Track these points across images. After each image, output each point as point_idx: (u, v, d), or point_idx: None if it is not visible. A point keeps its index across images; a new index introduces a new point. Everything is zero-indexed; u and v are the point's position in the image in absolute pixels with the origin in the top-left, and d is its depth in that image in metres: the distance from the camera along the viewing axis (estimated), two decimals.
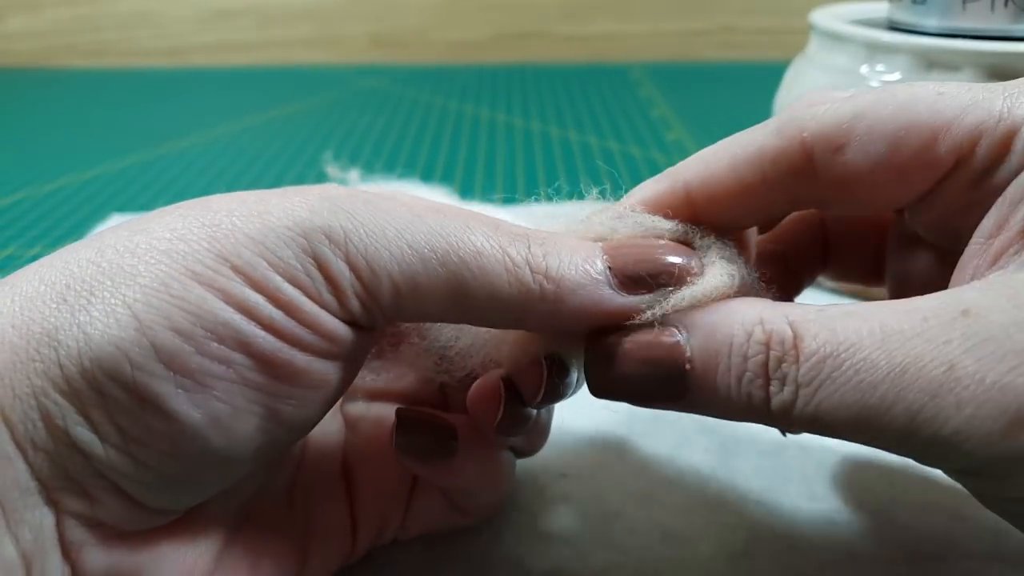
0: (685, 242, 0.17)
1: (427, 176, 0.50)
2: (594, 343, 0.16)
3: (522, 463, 0.24)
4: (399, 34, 0.86)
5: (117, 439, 0.14)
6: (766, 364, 0.14)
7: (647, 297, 0.15)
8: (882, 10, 0.38)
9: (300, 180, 0.51)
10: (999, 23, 0.32)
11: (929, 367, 0.13)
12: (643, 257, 0.16)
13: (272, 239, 0.14)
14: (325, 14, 0.86)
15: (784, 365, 0.14)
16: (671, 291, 0.15)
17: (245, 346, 0.14)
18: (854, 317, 0.14)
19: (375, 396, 0.21)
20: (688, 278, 0.16)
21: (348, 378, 0.16)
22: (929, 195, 0.16)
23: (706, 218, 0.17)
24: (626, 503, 0.22)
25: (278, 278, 0.14)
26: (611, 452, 0.25)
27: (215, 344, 0.14)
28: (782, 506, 0.22)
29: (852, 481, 0.23)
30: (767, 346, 0.14)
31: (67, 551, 0.14)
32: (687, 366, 0.15)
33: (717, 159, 0.17)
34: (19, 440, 0.14)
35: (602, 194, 0.18)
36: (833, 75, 0.36)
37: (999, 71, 0.31)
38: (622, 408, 0.26)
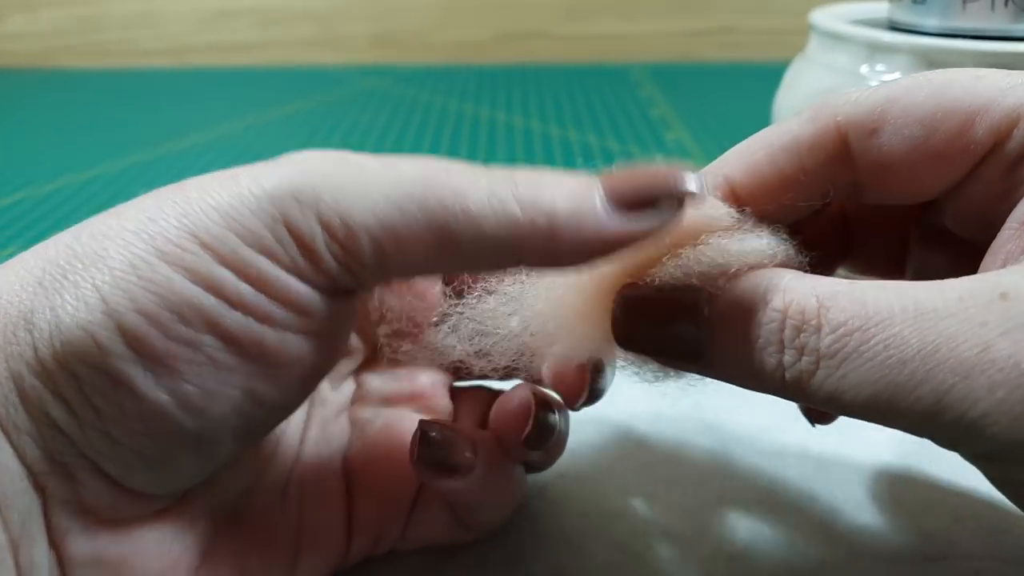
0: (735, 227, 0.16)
1: None
2: (624, 293, 0.16)
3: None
4: (400, 34, 0.86)
5: (93, 419, 0.14)
6: (781, 332, 0.14)
7: (651, 219, 0.14)
8: (882, 10, 0.38)
9: None
10: (999, 23, 0.32)
11: (963, 348, 0.13)
12: (637, 175, 0.14)
13: (240, 209, 0.14)
14: (326, 14, 0.86)
15: (803, 335, 0.14)
16: (675, 214, 0.14)
17: (213, 326, 0.14)
18: (886, 291, 0.14)
19: (385, 401, 0.21)
20: (686, 198, 0.14)
21: (329, 355, 0.16)
22: (964, 181, 0.16)
23: (749, 205, 0.17)
24: (626, 503, 0.22)
25: (247, 249, 0.14)
26: (611, 452, 0.25)
27: (182, 327, 0.14)
28: (782, 506, 0.22)
29: (852, 481, 0.23)
30: (784, 314, 0.14)
31: (53, 538, 0.14)
32: (701, 326, 0.15)
33: (754, 151, 0.17)
34: (3, 423, 0.14)
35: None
36: (833, 75, 0.36)
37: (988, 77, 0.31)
38: (622, 408, 0.27)
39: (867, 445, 0.25)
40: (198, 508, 0.16)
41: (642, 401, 0.27)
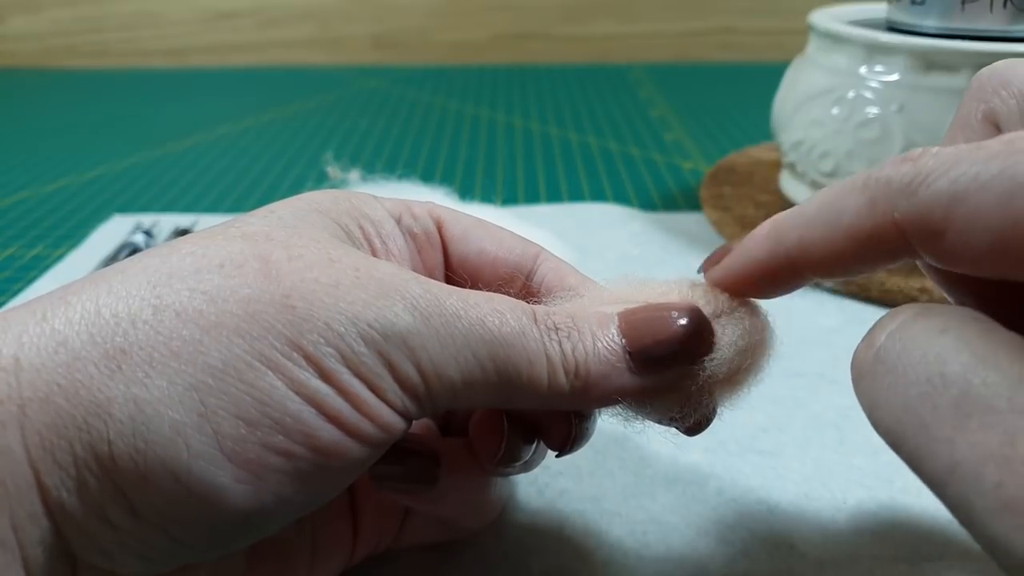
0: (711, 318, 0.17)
1: (427, 176, 0.50)
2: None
3: None
4: (400, 35, 0.86)
5: (155, 518, 0.13)
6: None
7: (666, 376, 0.16)
8: (881, 11, 0.39)
9: (301, 180, 0.51)
10: (998, 23, 0.32)
11: None
12: (658, 334, 0.16)
13: (348, 332, 0.14)
14: (326, 15, 0.86)
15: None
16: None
17: (309, 439, 0.14)
18: None
19: None
20: (701, 354, 0.16)
21: (377, 457, 0.16)
22: None
23: (812, 273, 0.16)
24: (625, 502, 0.23)
25: (348, 372, 0.14)
26: (610, 451, 0.25)
27: (281, 437, 0.13)
28: (781, 506, 0.22)
29: (852, 481, 0.23)
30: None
31: None
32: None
33: (811, 227, 0.16)
34: (51, 504, 0.13)
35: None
36: (832, 76, 0.36)
37: None
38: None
39: (866, 445, 0.25)
40: (229, 556, 0.16)
41: None
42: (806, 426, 0.26)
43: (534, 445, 0.18)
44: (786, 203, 0.41)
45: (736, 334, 0.17)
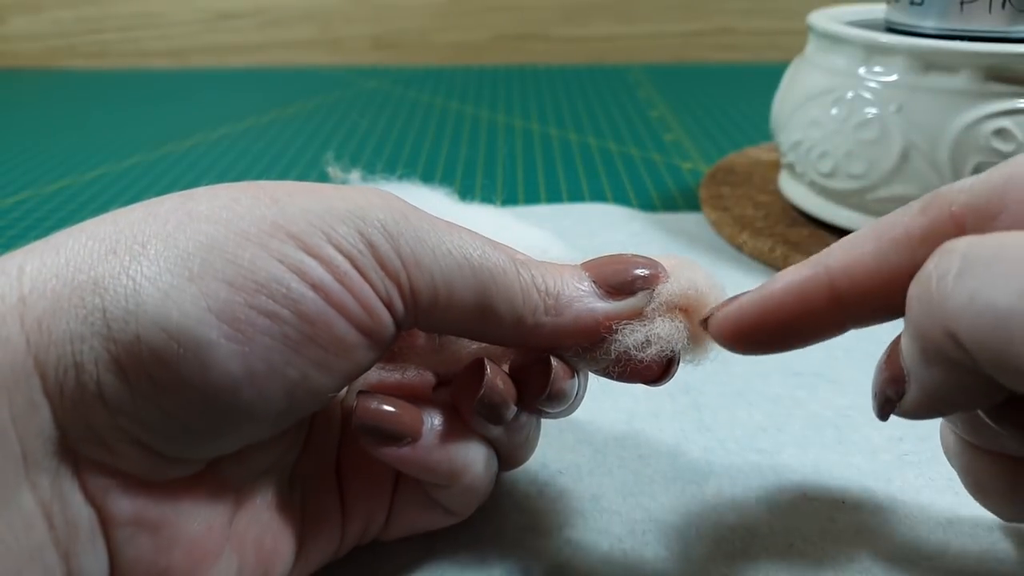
0: None
1: (427, 177, 0.51)
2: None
3: None
4: (400, 36, 0.86)
5: (149, 388, 0.14)
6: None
7: (629, 300, 0.18)
8: (880, 11, 0.39)
9: (302, 180, 0.51)
10: (997, 24, 0.33)
11: None
12: (619, 269, 0.18)
13: (330, 216, 0.15)
14: (327, 16, 0.86)
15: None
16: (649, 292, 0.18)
17: (293, 303, 0.15)
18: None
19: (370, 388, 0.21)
20: (658, 281, 0.18)
21: (369, 364, 0.17)
22: None
23: (851, 304, 0.16)
24: (624, 501, 0.23)
25: (331, 248, 0.15)
26: (610, 450, 0.25)
27: (264, 297, 0.14)
28: (780, 505, 0.22)
29: (850, 480, 0.23)
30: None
31: (91, 496, 0.14)
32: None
33: (860, 244, 0.16)
34: (49, 389, 0.14)
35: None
36: (831, 76, 0.36)
37: (996, 72, 0.31)
38: (621, 406, 0.27)
39: (865, 444, 0.25)
40: (225, 479, 0.17)
41: (641, 400, 0.27)
42: (805, 425, 0.26)
43: (512, 404, 0.18)
44: (785, 203, 0.41)
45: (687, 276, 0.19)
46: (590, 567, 0.20)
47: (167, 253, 0.14)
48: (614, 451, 0.25)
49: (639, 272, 0.18)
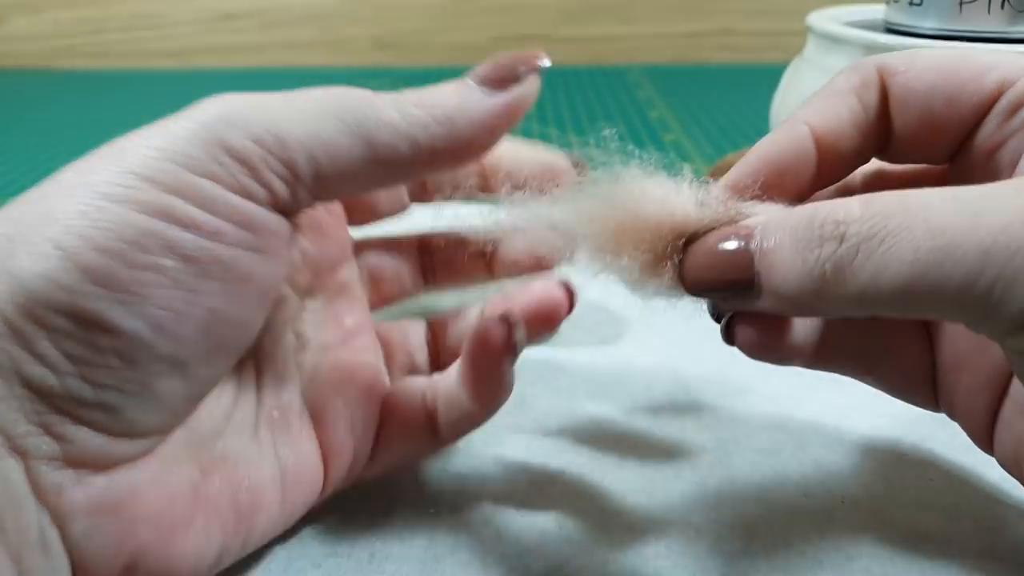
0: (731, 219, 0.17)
1: None
2: (682, 252, 0.18)
3: (521, 462, 0.24)
4: (401, 37, 0.86)
5: (69, 366, 0.14)
6: (820, 228, 0.15)
7: (518, 88, 0.18)
8: (879, 12, 0.39)
9: None
10: (996, 25, 0.33)
11: (1005, 209, 0.13)
12: (496, 63, 0.18)
13: (176, 141, 0.15)
14: (327, 17, 0.86)
15: (843, 226, 0.14)
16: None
17: (171, 249, 0.15)
18: (926, 189, 0.14)
19: (323, 348, 0.21)
20: (535, 62, 0.18)
21: (277, 271, 0.17)
22: (969, 137, 0.17)
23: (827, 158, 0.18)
24: (624, 501, 0.23)
25: (190, 175, 0.15)
26: (610, 451, 0.25)
27: (142, 254, 0.14)
28: (780, 504, 0.22)
29: (849, 479, 0.23)
30: (824, 214, 0.15)
31: (42, 496, 0.14)
32: (755, 267, 0.16)
33: (827, 99, 0.18)
34: None
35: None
36: (831, 77, 0.36)
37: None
38: (622, 406, 0.27)
39: (865, 444, 0.25)
40: (180, 448, 0.17)
41: (641, 400, 0.27)
42: (805, 425, 0.26)
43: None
44: None
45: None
46: (590, 567, 0.20)
47: (35, 240, 0.14)
48: (614, 451, 0.25)
49: (517, 60, 0.18)
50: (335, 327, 0.22)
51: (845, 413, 0.26)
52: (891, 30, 0.36)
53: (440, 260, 0.23)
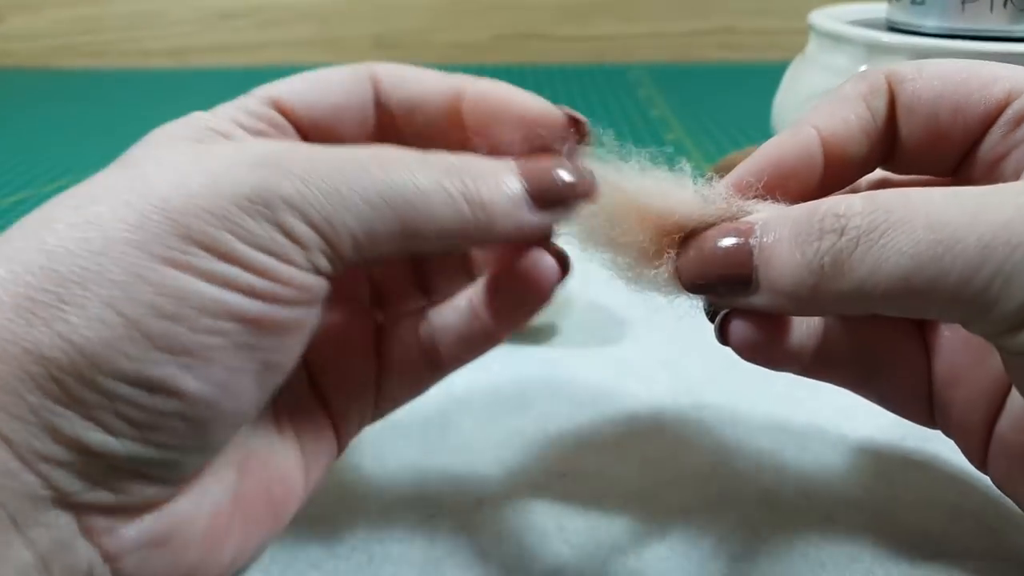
0: (732, 216, 0.17)
1: None
2: (680, 247, 0.17)
3: (521, 463, 0.24)
4: (400, 35, 0.86)
5: (132, 432, 0.14)
6: (821, 221, 0.15)
7: (562, 214, 0.18)
8: (881, 11, 0.39)
9: None
10: (998, 23, 0.33)
11: (1005, 206, 0.13)
12: (547, 179, 0.18)
13: (233, 212, 0.15)
14: (327, 15, 0.86)
15: (843, 219, 0.14)
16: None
17: (233, 314, 0.15)
18: (927, 188, 0.14)
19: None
20: (588, 194, 0.18)
21: (318, 317, 0.17)
22: (975, 147, 0.18)
23: (833, 162, 0.18)
24: (626, 503, 0.23)
25: (246, 247, 0.15)
26: (611, 452, 0.25)
27: (206, 319, 0.14)
28: (781, 505, 0.22)
29: (851, 480, 0.23)
30: (825, 208, 0.15)
31: (94, 539, 0.15)
32: (754, 262, 0.16)
33: (838, 104, 0.18)
34: (23, 455, 0.13)
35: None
36: (832, 76, 0.36)
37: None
38: (622, 406, 0.27)
39: (865, 444, 0.25)
40: (216, 462, 0.17)
41: (643, 401, 0.27)
42: (805, 425, 0.26)
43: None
44: None
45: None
46: (590, 568, 0.20)
47: (92, 304, 0.14)
48: (614, 452, 0.25)
49: (570, 182, 0.18)
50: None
51: (847, 413, 0.26)
52: (893, 29, 0.36)
53: (434, 267, 0.23)
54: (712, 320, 0.18)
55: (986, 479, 0.22)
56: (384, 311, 0.22)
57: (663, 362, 0.29)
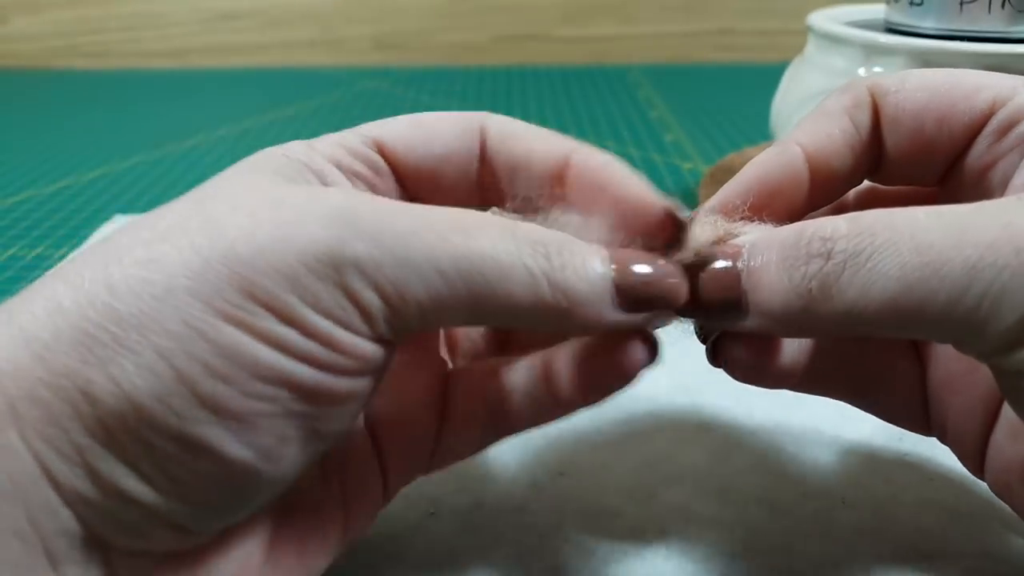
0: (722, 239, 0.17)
1: None
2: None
3: (521, 462, 0.24)
4: (401, 36, 0.86)
5: (168, 485, 0.14)
6: (807, 245, 0.15)
7: (647, 319, 0.16)
8: (879, 12, 0.39)
9: None
10: (996, 24, 0.33)
11: (989, 227, 0.13)
12: (647, 282, 0.16)
13: (300, 271, 0.14)
14: (327, 16, 0.86)
15: (829, 243, 0.14)
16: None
17: (286, 381, 0.14)
18: (911, 208, 0.14)
19: None
20: (674, 299, 0.16)
21: (377, 386, 0.16)
22: (961, 156, 0.18)
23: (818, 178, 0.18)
24: (625, 502, 0.23)
25: (309, 311, 0.14)
26: (611, 451, 0.25)
27: (258, 384, 0.14)
28: (780, 505, 0.22)
29: (850, 479, 0.23)
30: (811, 232, 0.15)
31: None
32: (743, 286, 0.16)
33: (821, 120, 0.18)
34: (65, 494, 0.13)
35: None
36: (831, 77, 0.36)
37: (996, 72, 0.31)
38: (622, 407, 0.27)
39: (865, 444, 0.25)
40: (253, 519, 0.16)
41: (641, 400, 0.27)
42: (805, 425, 0.26)
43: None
44: None
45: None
46: (590, 567, 0.20)
47: (146, 351, 0.13)
48: (614, 451, 0.25)
49: (665, 290, 0.16)
50: None
51: (845, 413, 0.26)
52: (891, 30, 0.36)
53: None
54: (704, 343, 0.18)
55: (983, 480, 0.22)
56: (454, 358, 0.21)
57: (661, 362, 0.29)
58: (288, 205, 0.15)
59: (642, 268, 0.16)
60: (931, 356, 0.20)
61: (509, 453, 0.25)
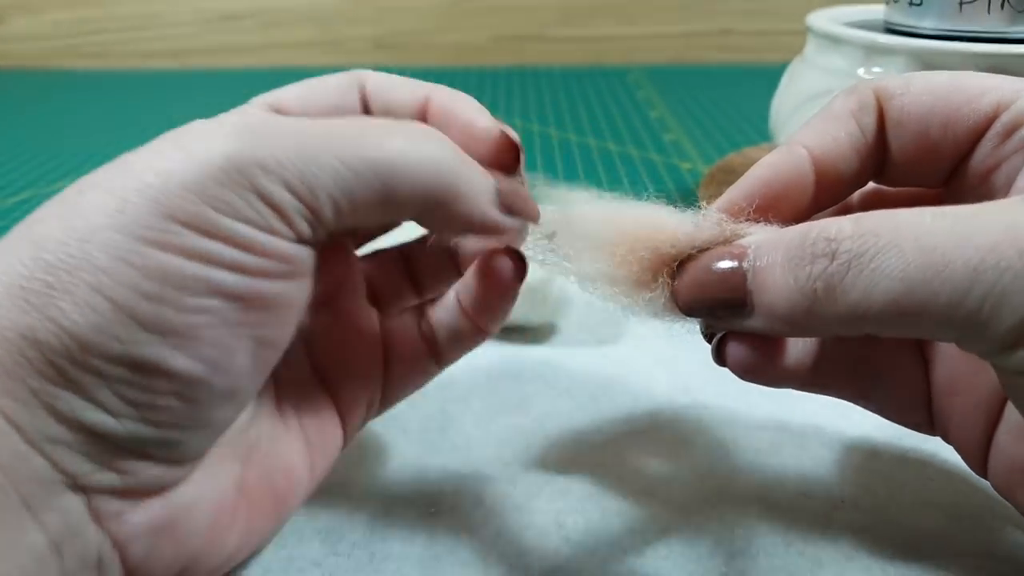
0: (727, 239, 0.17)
1: None
2: (675, 272, 0.18)
3: (521, 462, 0.24)
4: (400, 37, 0.87)
5: (130, 411, 0.14)
6: (812, 246, 0.15)
7: (517, 222, 0.18)
8: (879, 12, 0.39)
9: None
10: (996, 25, 0.33)
11: (992, 228, 0.14)
12: (517, 192, 0.19)
13: (210, 184, 0.15)
14: (327, 17, 0.86)
15: (834, 243, 0.15)
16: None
17: (217, 291, 0.15)
18: (915, 208, 0.15)
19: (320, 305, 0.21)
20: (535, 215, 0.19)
21: (307, 291, 0.17)
22: (964, 160, 0.18)
23: (824, 180, 0.18)
24: (625, 501, 0.23)
25: (228, 220, 0.15)
26: (610, 451, 0.25)
27: (191, 298, 0.14)
28: (780, 505, 0.22)
29: (850, 479, 0.23)
30: (815, 232, 0.15)
31: (103, 523, 0.15)
32: (748, 286, 0.16)
33: (826, 124, 0.19)
34: (31, 439, 0.14)
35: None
36: (830, 77, 0.36)
37: (996, 72, 0.31)
38: (622, 406, 0.27)
39: (865, 444, 0.25)
40: (222, 450, 0.17)
41: (641, 400, 0.27)
42: (805, 425, 0.26)
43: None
44: None
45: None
46: (590, 567, 0.20)
47: (80, 290, 0.14)
48: (613, 451, 0.25)
49: (528, 201, 0.19)
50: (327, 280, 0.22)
51: (845, 413, 0.26)
52: (891, 30, 0.36)
53: (424, 268, 0.23)
54: (709, 342, 0.18)
55: (984, 480, 0.22)
56: (382, 308, 0.22)
57: (661, 361, 0.30)
58: (191, 131, 0.16)
59: (514, 184, 0.19)
60: (935, 356, 0.20)
61: (509, 452, 0.25)
